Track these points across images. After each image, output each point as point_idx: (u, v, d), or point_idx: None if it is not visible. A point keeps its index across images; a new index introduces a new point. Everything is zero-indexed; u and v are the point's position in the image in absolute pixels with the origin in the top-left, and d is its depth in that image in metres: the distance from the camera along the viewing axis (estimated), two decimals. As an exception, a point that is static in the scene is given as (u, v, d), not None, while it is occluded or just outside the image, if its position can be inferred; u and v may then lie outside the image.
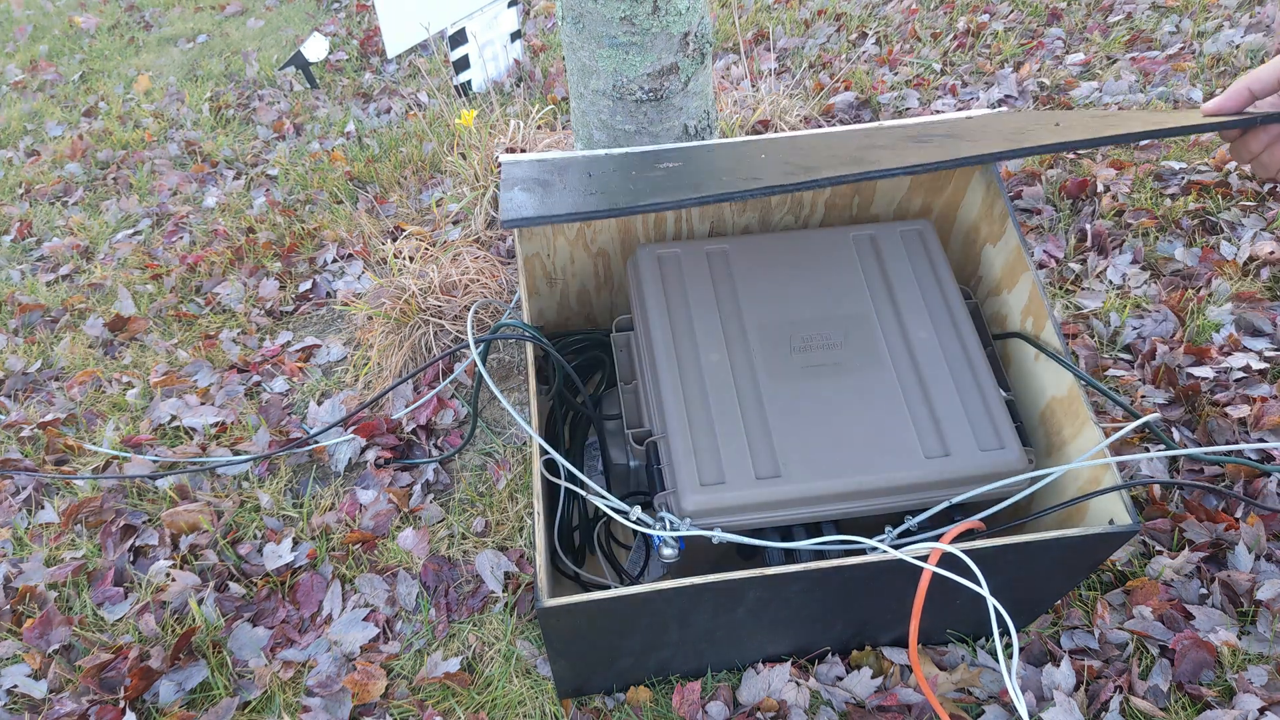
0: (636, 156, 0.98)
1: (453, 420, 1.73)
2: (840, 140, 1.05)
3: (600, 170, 0.96)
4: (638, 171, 0.94)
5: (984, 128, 1.00)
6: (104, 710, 1.28)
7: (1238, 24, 2.62)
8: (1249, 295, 1.71)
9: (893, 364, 1.15)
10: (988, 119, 1.07)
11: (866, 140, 1.04)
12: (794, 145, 1.08)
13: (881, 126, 1.26)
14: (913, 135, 1.01)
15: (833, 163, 0.93)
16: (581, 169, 0.96)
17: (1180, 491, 1.42)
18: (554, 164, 0.98)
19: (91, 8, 4.11)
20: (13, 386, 1.96)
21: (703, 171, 0.90)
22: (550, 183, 0.90)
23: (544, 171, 0.93)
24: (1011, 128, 0.98)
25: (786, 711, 1.21)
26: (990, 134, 0.94)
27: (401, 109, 2.89)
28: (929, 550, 0.95)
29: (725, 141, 1.26)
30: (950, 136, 0.96)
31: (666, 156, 1.03)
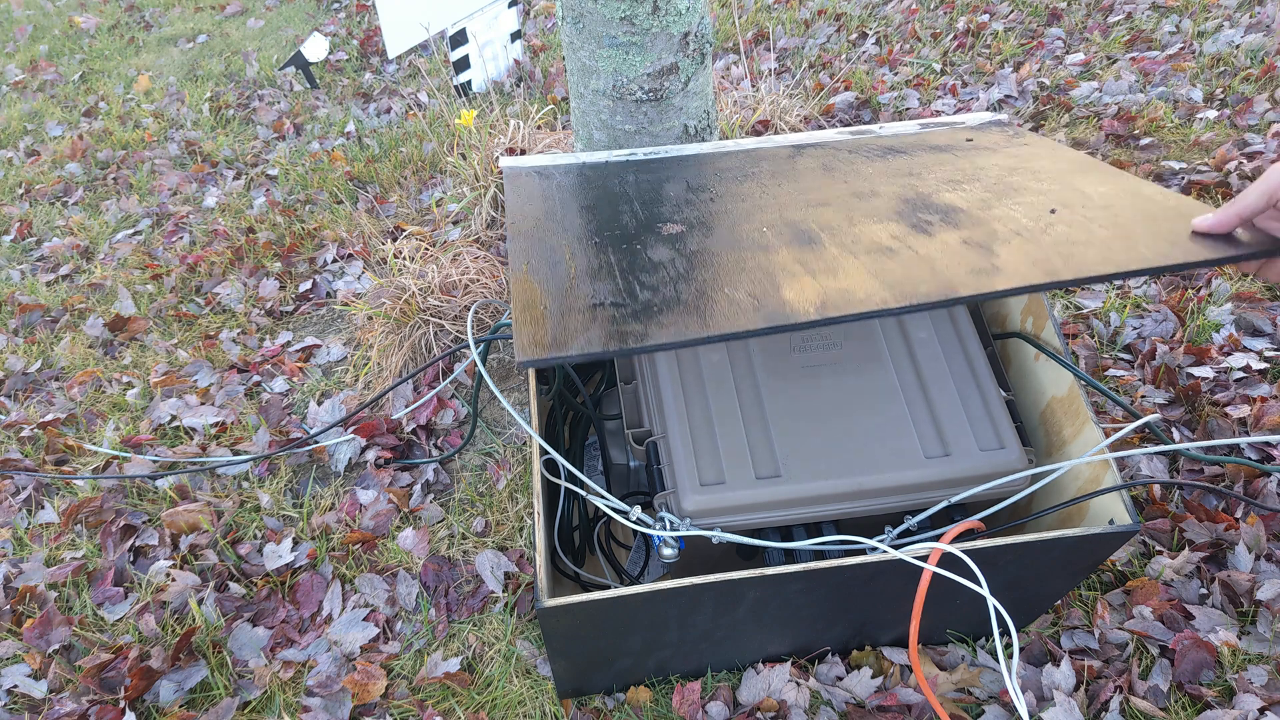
0: (640, 216, 0.95)
1: (453, 420, 1.73)
2: (846, 181, 1.03)
3: (607, 229, 0.94)
4: (643, 245, 0.90)
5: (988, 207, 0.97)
6: (104, 710, 1.28)
7: (1238, 24, 2.62)
8: (1249, 295, 1.71)
9: (893, 364, 1.15)
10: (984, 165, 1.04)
11: (868, 186, 1.02)
12: (800, 188, 1.06)
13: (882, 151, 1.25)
14: (909, 199, 0.99)
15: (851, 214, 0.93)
16: (587, 240, 0.92)
17: (1180, 491, 1.42)
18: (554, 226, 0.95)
19: (91, 8, 4.11)
20: (13, 386, 1.96)
21: (712, 263, 0.87)
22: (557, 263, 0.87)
23: (548, 247, 0.90)
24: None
25: (786, 711, 1.21)
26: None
27: (401, 109, 2.89)
28: (929, 550, 0.95)
29: (722, 153, 1.25)
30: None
31: (670, 212, 0.99)
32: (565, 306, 0.80)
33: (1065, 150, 1.10)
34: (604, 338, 0.74)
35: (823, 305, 0.77)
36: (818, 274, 0.83)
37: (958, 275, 0.80)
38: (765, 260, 0.86)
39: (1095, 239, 0.83)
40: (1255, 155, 2.03)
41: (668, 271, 0.85)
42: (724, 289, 0.80)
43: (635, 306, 0.78)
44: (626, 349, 0.73)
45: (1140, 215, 0.88)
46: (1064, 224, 0.88)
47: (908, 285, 0.79)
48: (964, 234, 0.89)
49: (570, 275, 0.85)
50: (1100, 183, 0.99)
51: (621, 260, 0.87)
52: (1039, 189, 0.99)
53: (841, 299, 0.78)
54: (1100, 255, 0.80)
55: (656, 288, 0.81)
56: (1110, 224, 0.86)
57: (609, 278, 0.84)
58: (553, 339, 0.74)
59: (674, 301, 0.79)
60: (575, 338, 0.74)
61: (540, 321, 0.77)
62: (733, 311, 0.76)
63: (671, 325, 0.74)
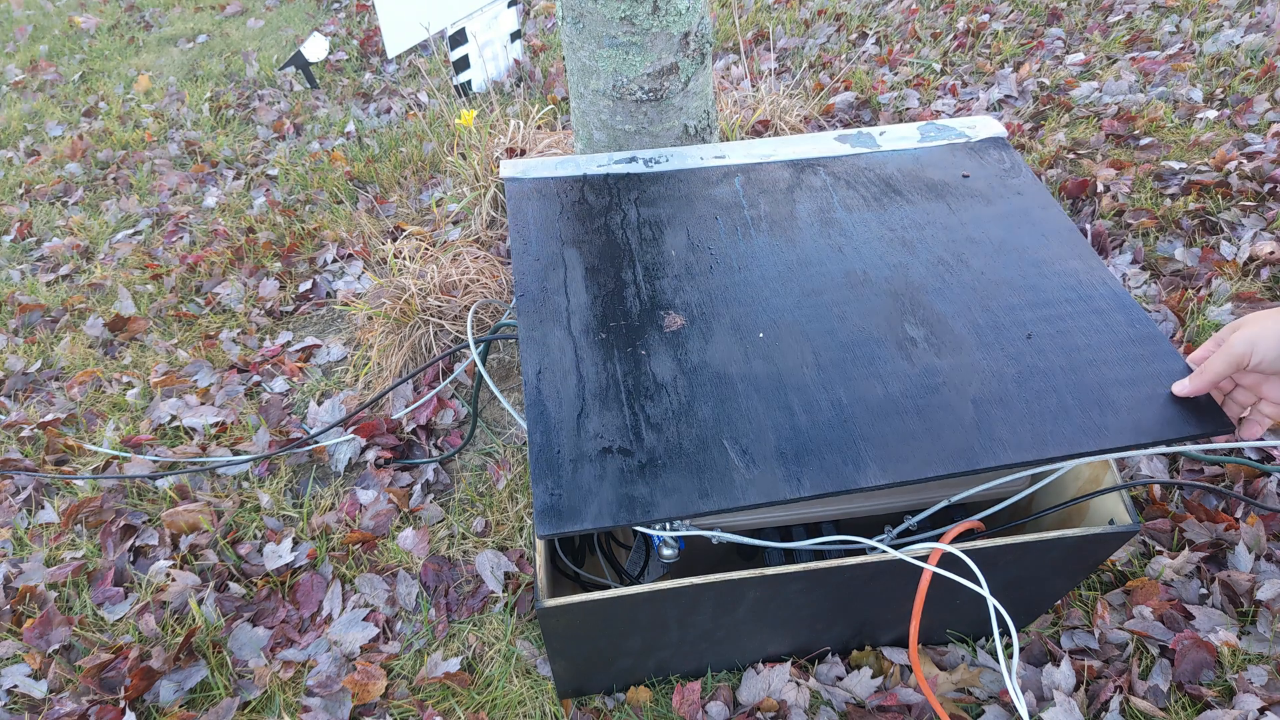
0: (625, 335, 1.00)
1: (453, 420, 1.73)
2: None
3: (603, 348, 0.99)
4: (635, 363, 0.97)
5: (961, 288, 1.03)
6: (104, 710, 1.28)
7: (1238, 24, 2.62)
8: (1249, 295, 1.71)
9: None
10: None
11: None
12: (797, 261, 1.09)
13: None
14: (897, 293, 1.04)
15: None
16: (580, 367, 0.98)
17: (1180, 491, 1.42)
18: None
19: (91, 8, 4.11)
20: (13, 386, 1.96)
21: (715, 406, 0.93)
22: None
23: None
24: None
25: (786, 711, 1.21)
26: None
27: (401, 109, 2.89)
28: (929, 550, 0.95)
29: (723, 170, 1.25)
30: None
31: (671, 290, 1.04)
32: (578, 451, 0.87)
33: (1053, 211, 1.13)
34: (614, 506, 0.83)
35: (814, 478, 0.85)
36: (807, 421, 0.89)
37: (946, 440, 0.87)
38: (761, 399, 0.92)
39: (1069, 403, 0.89)
40: (1255, 155, 2.03)
41: (670, 400, 0.91)
42: (722, 438, 0.88)
43: (642, 457, 0.87)
44: (635, 521, 0.82)
45: (1104, 360, 0.93)
46: (1039, 367, 0.93)
47: (891, 458, 0.87)
48: (946, 365, 0.94)
49: (580, 399, 0.92)
50: (1080, 285, 1.03)
51: (627, 376, 0.94)
52: (1023, 284, 1.03)
53: (828, 470, 0.85)
54: (1071, 431, 0.87)
55: (660, 426, 0.89)
56: (1084, 370, 0.92)
57: (616, 405, 0.91)
58: (569, 506, 0.83)
59: (676, 452, 0.87)
60: (589, 503, 0.83)
61: (556, 474, 0.85)
62: (728, 473, 0.85)
63: (675, 491, 0.84)
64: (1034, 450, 0.86)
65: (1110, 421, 0.87)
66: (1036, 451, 0.86)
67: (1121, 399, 0.89)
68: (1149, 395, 0.90)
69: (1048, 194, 1.16)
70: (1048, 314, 0.99)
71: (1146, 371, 0.92)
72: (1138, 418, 0.87)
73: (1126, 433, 0.86)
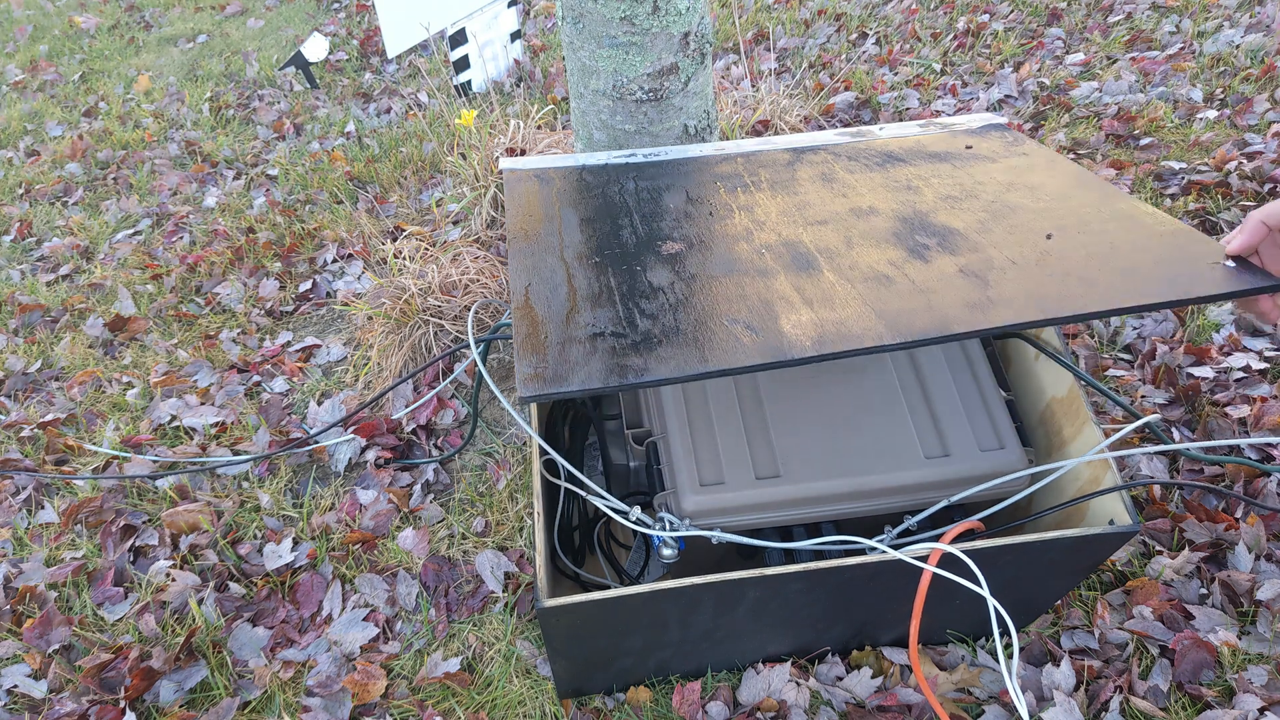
0: (641, 234, 0.95)
1: (453, 420, 1.73)
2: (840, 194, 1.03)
3: (608, 248, 0.94)
4: (643, 266, 0.92)
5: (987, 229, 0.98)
6: (104, 710, 1.28)
7: (1238, 24, 2.62)
8: (1249, 295, 1.71)
9: (893, 364, 1.15)
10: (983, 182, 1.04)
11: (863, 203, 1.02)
12: (799, 203, 1.06)
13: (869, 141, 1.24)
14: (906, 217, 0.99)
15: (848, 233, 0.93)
16: (589, 260, 0.92)
17: (1180, 491, 1.42)
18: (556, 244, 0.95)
19: (91, 8, 4.11)
20: (13, 386, 1.96)
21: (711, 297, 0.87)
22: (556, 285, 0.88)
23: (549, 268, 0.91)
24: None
25: (786, 711, 1.21)
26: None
27: (401, 109, 2.89)
28: (929, 550, 0.95)
29: (721, 156, 1.24)
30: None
31: (669, 228, 0.99)
32: (566, 336, 0.81)
33: (1062, 162, 1.11)
34: (604, 371, 0.75)
35: (820, 340, 0.78)
36: (815, 304, 0.84)
37: (953, 310, 0.81)
38: (763, 287, 0.86)
39: (1090, 272, 0.83)
40: (1255, 155, 2.03)
41: (667, 297, 0.85)
42: (722, 319, 0.81)
43: (635, 337, 0.80)
44: (626, 384, 0.74)
45: (1135, 244, 0.88)
46: (1058, 252, 0.88)
47: (903, 320, 0.80)
48: (961, 261, 0.89)
49: (571, 301, 0.86)
50: (1097, 203, 0.99)
51: (621, 284, 0.87)
52: (1036, 208, 0.99)
53: (838, 333, 0.78)
54: (1097, 296, 0.80)
55: (656, 315, 0.82)
56: (1106, 251, 0.87)
57: (609, 304, 0.85)
58: (554, 372, 0.76)
59: (673, 331, 0.80)
60: (576, 371, 0.76)
61: (541, 352, 0.78)
62: (730, 344, 0.77)
63: (671, 359, 0.76)
64: (1062, 309, 0.79)
65: (1146, 284, 0.81)
66: (1063, 310, 0.79)
67: (1157, 263, 0.83)
68: (1187, 261, 0.83)
69: (1055, 153, 1.14)
70: (1069, 223, 0.94)
71: (1181, 249, 0.85)
72: (1176, 277, 0.81)
73: (1159, 286, 0.80)
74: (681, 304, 0.84)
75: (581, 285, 0.88)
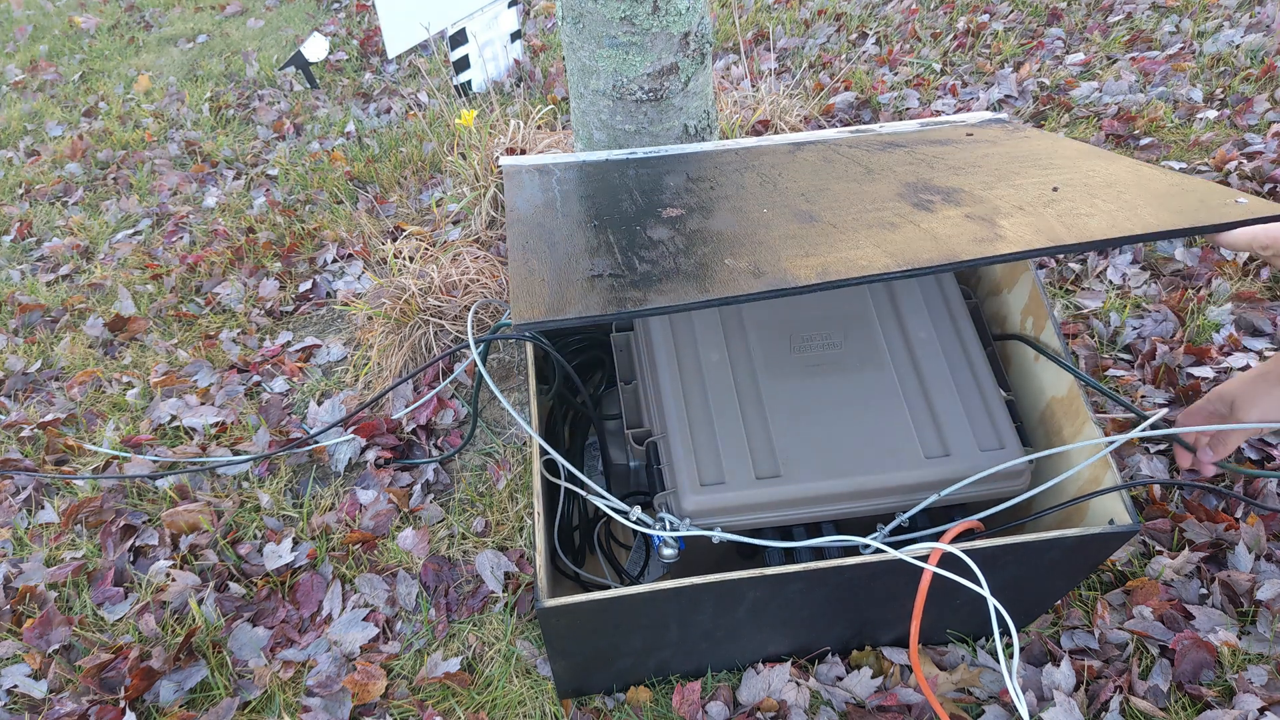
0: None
1: (453, 420, 1.73)
2: (841, 162, 1.02)
3: (607, 206, 0.93)
4: (641, 227, 0.90)
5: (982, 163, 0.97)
6: (104, 710, 1.28)
7: (1238, 24, 2.62)
8: (1249, 295, 1.71)
9: (893, 364, 1.15)
10: (986, 151, 1.04)
11: (869, 161, 1.02)
12: (801, 175, 1.05)
13: (877, 136, 1.24)
14: (912, 183, 0.98)
15: (847, 203, 0.92)
16: (585, 213, 0.91)
17: (1180, 491, 1.42)
18: (555, 195, 0.94)
19: (91, 8, 4.11)
20: (13, 386, 1.96)
21: (711, 238, 0.86)
22: (553, 234, 0.86)
23: (545, 214, 0.89)
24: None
25: (786, 711, 1.21)
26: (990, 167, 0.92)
27: (401, 109, 2.89)
28: (929, 550, 0.95)
29: (722, 150, 1.25)
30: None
31: (670, 199, 0.99)
32: (564, 278, 0.78)
33: (1067, 140, 1.11)
34: (602, 303, 0.72)
35: (823, 270, 0.75)
36: (819, 245, 0.81)
37: (960, 243, 0.79)
38: (766, 234, 0.84)
39: (1098, 210, 0.82)
40: (1255, 155, 2.03)
41: (667, 248, 0.83)
42: (724, 259, 0.79)
43: (634, 277, 0.77)
44: (625, 312, 0.71)
45: (1144, 190, 0.87)
46: (1067, 199, 0.86)
47: (909, 252, 0.78)
48: (966, 210, 0.87)
49: (569, 253, 0.83)
50: (1104, 164, 0.98)
51: (621, 239, 0.85)
52: (1042, 173, 0.98)
53: (842, 265, 0.76)
54: (1104, 223, 0.78)
55: (656, 261, 0.80)
56: (1114, 198, 0.85)
57: (608, 254, 0.82)
58: (550, 304, 0.73)
59: (673, 272, 0.77)
60: (573, 303, 0.73)
61: (538, 290, 0.76)
62: (732, 279, 0.75)
63: (670, 292, 0.73)
64: (1070, 237, 0.77)
65: (1146, 216, 0.80)
66: (1072, 238, 0.77)
67: (1157, 202, 0.82)
68: (1200, 200, 0.82)
69: (1062, 138, 1.15)
70: (1074, 178, 0.92)
71: (1187, 190, 0.83)
72: (1190, 211, 0.79)
73: (1169, 215, 0.78)
74: (682, 252, 0.81)
75: (580, 241, 0.86)
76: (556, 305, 0.73)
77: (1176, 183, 0.89)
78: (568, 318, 0.71)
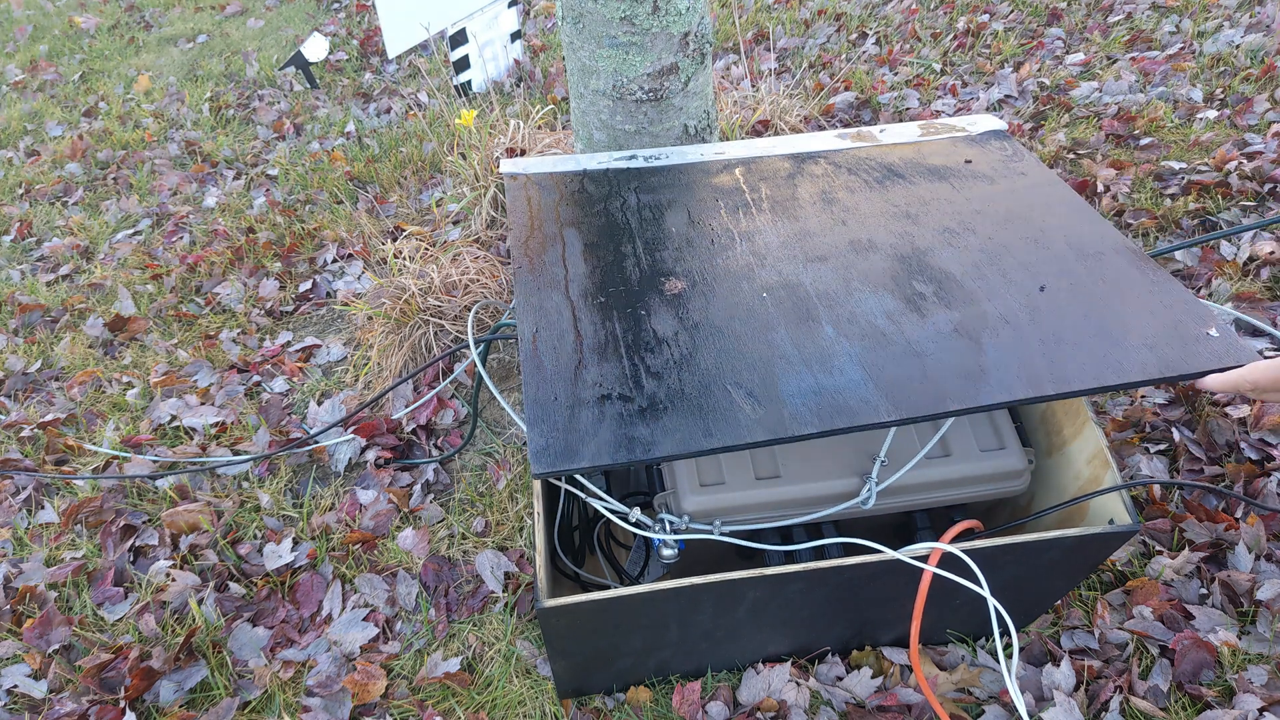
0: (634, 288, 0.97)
1: (453, 420, 1.73)
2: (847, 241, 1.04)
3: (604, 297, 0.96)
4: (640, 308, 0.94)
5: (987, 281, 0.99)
6: (104, 710, 1.28)
7: (1238, 24, 2.62)
8: (1249, 295, 1.71)
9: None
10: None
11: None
12: (800, 231, 1.06)
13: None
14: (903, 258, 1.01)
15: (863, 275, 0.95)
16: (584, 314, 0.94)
17: (1180, 491, 1.42)
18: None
19: (91, 8, 4.11)
20: (13, 386, 1.96)
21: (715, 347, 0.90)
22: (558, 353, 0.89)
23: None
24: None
25: (786, 711, 1.21)
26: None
27: (401, 109, 2.89)
28: (929, 550, 0.95)
29: (720, 163, 1.24)
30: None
31: (673, 260, 1.00)
32: (575, 397, 0.83)
33: (1058, 188, 1.12)
34: (613, 444, 0.78)
35: (819, 412, 0.81)
36: (814, 366, 0.85)
37: (948, 383, 0.84)
38: (765, 346, 0.88)
39: (1082, 338, 0.86)
40: (1255, 155, 2.03)
41: (671, 352, 0.87)
42: (726, 383, 0.83)
43: (642, 402, 0.82)
44: (635, 459, 0.77)
45: (1125, 304, 0.91)
46: (1052, 312, 0.90)
47: (900, 391, 0.83)
48: (956, 316, 0.91)
49: (578, 353, 0.87)
50: (1092, 240, 1.01)
51: (627, 333, 0.89)
52: (1031, 251, 1.00)
53: (836, 405, 0.82)
54: (1083, 365, 0.84)
55: (661, 374, 0.84)
56: (1098, 312, 0.89)
57: (615, 358, 0.86)
58: (564, 444, 0.78)
59: (678, 396, 0.82)
60: (586, 443, 0.78)
61: (552, 419, 0.81)
62: (732, 414, 0.80)
63: (676, 431, 0.78)
64: (1052, 384, 0.82)
65: (1131, 358, 0.84)
66: (1055, 386, 0.82)
67: (1142, 336, 0.86)
68: (1172, 332, 0.86)
69: (1052, 174, 1.15)
70: (1061, 269, 0.96)
71: (1167, 312, 0.88)
72: (1161, 352, 0.84)
73: (1149, 367, 0.83)
74: (686, 361, 0.86)
75: (588, 332, 0.90)
76: (571, 445, 0.78)
77: (1156, 287, 0.93)
78: (580, 465, 0.77)
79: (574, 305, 0.94)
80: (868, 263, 0.99)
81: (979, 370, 0.85)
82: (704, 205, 1.11)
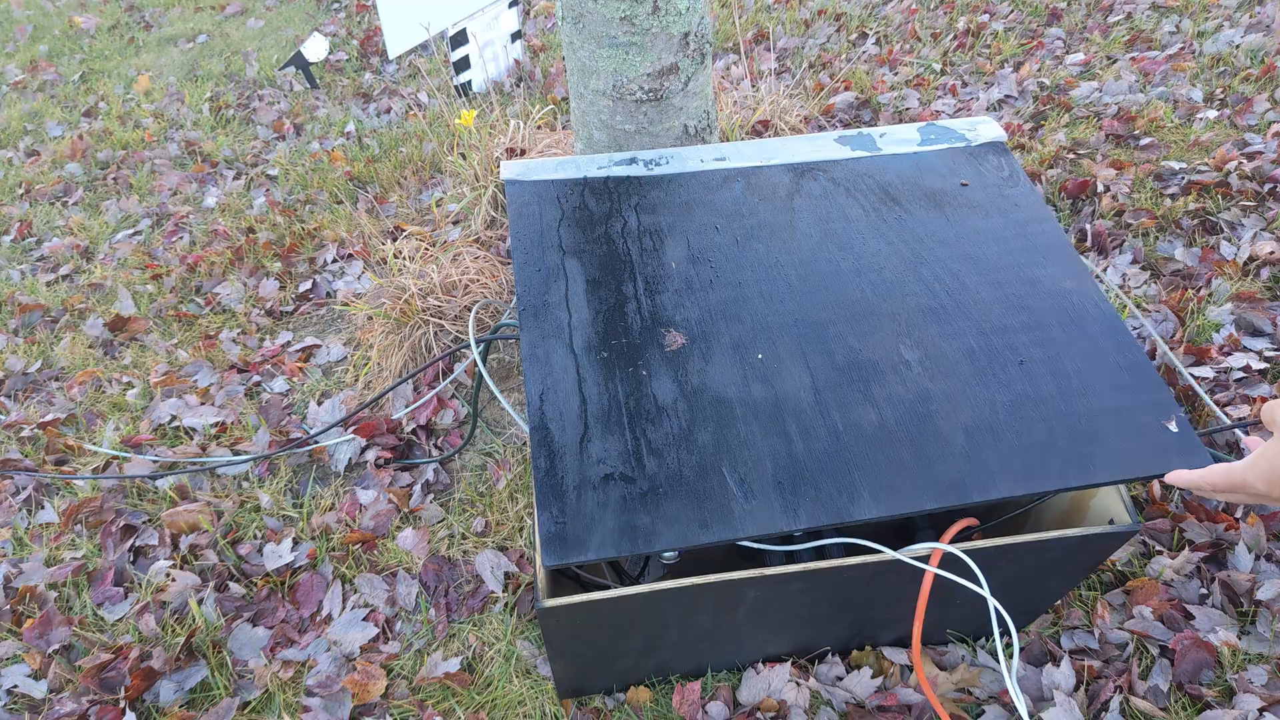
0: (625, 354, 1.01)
1: (453, 420, 1.73)
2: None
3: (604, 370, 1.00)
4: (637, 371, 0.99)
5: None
6: (104, 710, 1.28)
7: (1238, 24, 2.62)
8: (1249, 295, 1.71)
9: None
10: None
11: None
12: (799, 278, 1.09)
13: None
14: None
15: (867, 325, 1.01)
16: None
17: (1180, 491, 1.42)
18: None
19: (91, 8, 4.11)
20: (13, 386, 1.96)
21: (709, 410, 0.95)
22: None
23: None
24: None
25: (786, 711, 1.21)
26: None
27: (401, 109, 2.89)
28: (929, 550, 0.95)
29: (721, 172, 1.24)
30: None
31: (673, 305, 1.04)
32: (581, 477, 0.89)
33: (1048, 224, 1.14)
34: (617, 535, 0.85)
35: (809, 510, 0.87)
36: (805, 466, 0.90)
37: (928, 480, 0.90)
38: (759, 431, 0.93)
39: (1055, 441, 0.91)
40: (1255, 155, 2.03)
41: (671, 425, 0.93)
42: (722, 468, 0.89)
43: (644, 484, 0.88)
44: (638, 550, 0.84)
45: (1099, 392, 0.96)
46: (1029, 400, 0.95)
47: (887, 491, 0.89)
48: (939, 394, 0.96)
49: (583, 422, 0.93)
50: (1076, 299, 1.05)
51: (629, 399, 0.95)
52: (1015, 315, 1.04)
53: (819, 504, 0.88)
54: (1059, 469, 0.90)
55: (661, 452, 0.91)
56: (1066, 410, 0.94)
57: (618, 429, 0.92)
58: (572, 532, 0.85)
59: (677, 480, 0.89)
60: (592, 532, 0.85)
61: (561, 501, 0.87)
62: (726, 504, 0.87)
63: (676, 521, 0.86)
64: (1023, 484, 0.88)
65: (1098, 454, 0.90)
66: (1025, 485, 0.88)
67: (1109, 431, 0.92)
68: (1136, 428, 0.92)
69: (1044, 206, 1.17)
70: (1040, 338, 1.01)
71: (1134, 403, 0.94)
72: (1125, 450, 0.91)
73: (1113, 467, 0.89)
74: (684, 438, 0.92)
75: (592, 396, 0.95)
76: (579, 534, 0.85)
77: (1127, 372, 0.97)
78: (588, 557, 0.83)
79: (578, 361, 0.99)
80: (858, 321, 1.03)
81: (957, 478, 0.89)
82: (704, 234, 1.13)
